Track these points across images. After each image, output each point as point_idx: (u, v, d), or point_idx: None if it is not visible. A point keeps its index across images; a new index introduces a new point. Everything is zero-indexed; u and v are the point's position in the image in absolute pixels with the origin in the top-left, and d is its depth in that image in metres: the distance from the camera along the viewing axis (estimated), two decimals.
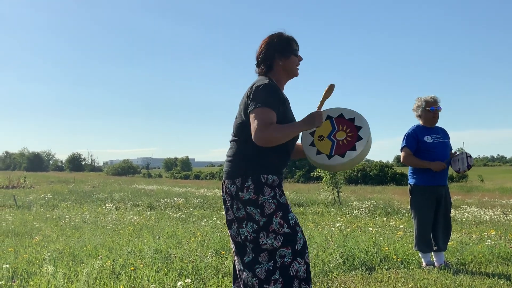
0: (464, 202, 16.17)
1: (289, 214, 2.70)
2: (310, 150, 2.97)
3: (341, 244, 5.70)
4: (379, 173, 39.16)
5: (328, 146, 2.92)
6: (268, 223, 2.64)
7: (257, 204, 2.65)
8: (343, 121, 2.98)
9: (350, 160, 2.84)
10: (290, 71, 2.85)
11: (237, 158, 2.76)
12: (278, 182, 2.74)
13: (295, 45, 2.87)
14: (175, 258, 4.94)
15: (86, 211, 11.07)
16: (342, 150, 2.87)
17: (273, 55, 2.81)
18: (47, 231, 7.35)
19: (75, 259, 5.07)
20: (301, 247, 2.67)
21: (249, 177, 2.69)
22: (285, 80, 2.88)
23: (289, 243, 2.65)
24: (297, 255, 2.65)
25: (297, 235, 2.67)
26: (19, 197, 14.47)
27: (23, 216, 9.80)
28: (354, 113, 2.98)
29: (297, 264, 2.64)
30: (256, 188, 2.67)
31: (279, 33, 2.86)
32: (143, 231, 7.44)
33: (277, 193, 2.70)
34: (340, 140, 2.91)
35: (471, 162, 5.00)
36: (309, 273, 2.69)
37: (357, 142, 2.86)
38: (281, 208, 2.67)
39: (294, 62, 2.85)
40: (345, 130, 2.93)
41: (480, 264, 5.09)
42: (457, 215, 11.39)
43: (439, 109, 5.01)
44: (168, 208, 12.62)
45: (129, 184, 28.00)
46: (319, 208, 13.42)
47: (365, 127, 2.90)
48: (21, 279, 4.18)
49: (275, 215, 2.65)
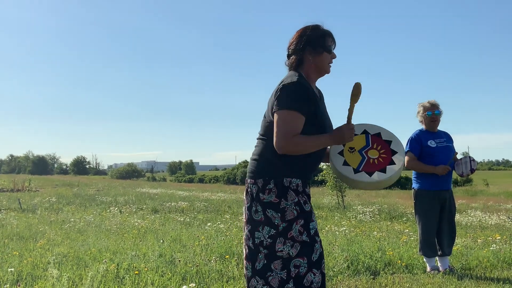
0: (469, 206, 16.12)
1: (311, 223, 2.56)
2: (337, 158, 2.78)
3: (345, 248, 5.69)
4: None
5: (358, 160, 2.75)
6: (287, 229, 2.52)
7: (279, 208, 2.53)
8: (379, 140, 2.83)
9: (376, 182, 2.69)
10: (321, 68, 2.67)
11: (261, 158, 2.64)
12: (303, 187, 2.60)
13: (331, 41, 2.68)
14: (179, 262, 4.94)
15: (91, 214, 11.08)
16: (371, 169, 2.71)
17: (304, 49, 2.63)
18: (52, 235, 7.36)
19: (80, 262, 5.07)
20: (318, 257, 2.55)
21: (271, 179, 2.56)
22: (315, 76, 2.71)
23: (306, 253, 2.52)
24: (313, 265, 2.53)
25: (315, 245, 2.54)
26: (24, 200, 14.50)
27: (28, 219, 9.82)
28: (392, 136, 2.84)
29: (312, 275, 2.52)
30: (279, 191, 2.54)
31: (314, 26, 2.68)
32: (147, 234, 7.45)
33: (301, 200, 2.56)
34: (372, 158, 2.75)
35: (474, 166, 4.99)
36: (323, 282, 2.59)
37: (388, 166, 2.71)
38: (303, 216, 2.54)
39: (326, 59, 2.66)
40: (379, 150, 2.78)
41: (485, 269, 5.08)
42: (461, 219, 11.35)
43: (437, 114, 4.99)
44: (172, 212, 12.62)
45: (134, 188, 28.04)
46: (323, 212, 13.40)
47: (400, 153, 2.76)
48: (25, 283, 4.19)
49: (296, 222, 2.52)
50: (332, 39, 2.69)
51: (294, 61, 2.66)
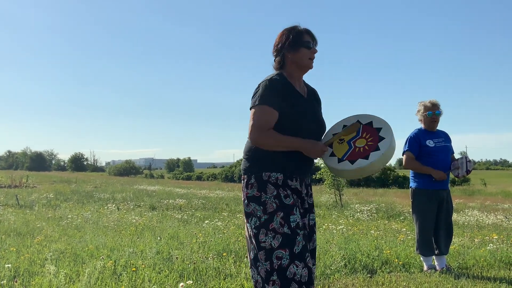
0: (466, 205, 16.15)
1: (292, 216, 2.62)
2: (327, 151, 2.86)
3: (342, 246, 5.70)
4: (381, 175, 39.09)
5: (344, 150, 2.80)
6: (269, 220, 2.63)
7: (260, 202, 2.67)
8: (369, 129, 2.84)
9: (359, 169, 2.70)
10: (301, 64, 2.79)
11: (245, 155, 2.81)
12: (284, 181, 2.68)
13: (308, 37, 2.79)
14: (177, 259, 4.94)
15: (88, 211, 11.07)
16: (355, 157, 2.74)
17: (283, 49, 2.78)
18: (49, 231, 7.36)
19: (77, 259, 5.07)
20: (300, 250, 2.59)
21: (252, 174, 2.72)
22: (297, 74, 2.83)
23: (288, 244, 2.59)
24: (295, 257, 2.58)
25: (297, 237, 2.60)
26: (22, 197, 14.49)
27: (25, 215, 9.81)
28: (384, 123, 2.84)
29: (295, 267, 2.57)
30: (259, 185, 2.69)
31: (291, 27, 2.81)
32: (144, 231, 7.45)
33: (281, 193, 2.66)
34: (358, 147, 2.78)
35: (470, 166, 4.99)
36: (310, 276, 2.63)
37: (372, 152, 2.71)
38: (283, 209, 2.63)
39: (305, 54, 2.76)
40: (367, 138, 2.80)
41: (482, 268, 5.08)
42: (459, 218, 11.38)
43: (437, 114, 5.00)
44: (170, 209, 12.62)
45: (131, 185, 28.02)
46: (321, 211, 13.41)
47: (388, 139, 2.73)
48: (22, 279, 4.18)
49: (276, 214, 2.63)
50: (310, 36, 2.81)
51: (277, 62, 2.83)
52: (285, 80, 2.75)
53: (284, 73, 2.79)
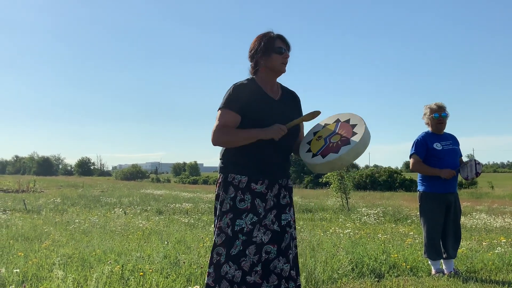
0: (473, 209, 16.06)
1: (238, 220, 2.76)
2: (304, 147, 2.98)
3: (350, 250, 5.68)
4: (388, 179, 39.00)
5: (319, 146, 2.90)
6: (220, 219, 2.82)
7: (220, 200, 2.85)
8: (346, 125, 2.92)
9: (328, 162, 2.76)
10: (273, 69, 2.89)
11: (220, 157, 2.96)
12: (247, 184, 2.80)
13: (280, 42, 2.89)
14: (184, 264, 4.94)
15: (95, 215, 11.11)
16: (327, 151, 2.82)
17: (256, 54, 2.89)
18: (57, 236, 7.38)
19: (85, 264, 5.08)
20: (236, 253, 2.73)
21: (222, 174, 2.89)
22: (270, 78, 2.93)
23: (227, 245, 2.76)
24: (230, 258, 2.73)
25: (236, 241, 2.74)
26: (29, 201, 14.55)
27: (33, 220, 9.85)
28: (360, 120, 2.91)
29: (228, 267, 2.73)
30: (224, 185, 2.85)
31: (263, 34, 2.92)
32: (151, 236, 7.46)
33: (238, 196, 2.79)
34: (332, 142, 2.86)
35: (479, 169, 4.97)
36: (244, 279, 2.73)
37: (343, 146, 2.78)
38: (233, 211, 2.78)
39: (277, 60, 2.86)
40: (341, 133, 2.88)
41: (490, 272, 5.06)
42: (466, 222, 11.32)
43: (444, 116, 4.98)
44: (176, 213, 12.64)
45: (138, 189, 28.08)
46: (328, 214, 13.39)
47: (360, 134, 2.79)
48: (31, 284, 4.20)
49: (227, 214, 2.79)
50: (283, 41, 2.91)
51: (252, 68, 2.96)
52: (254, 84, 2.87)
53: (256, 78, 2.91)
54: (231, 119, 2.78)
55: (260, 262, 2.77)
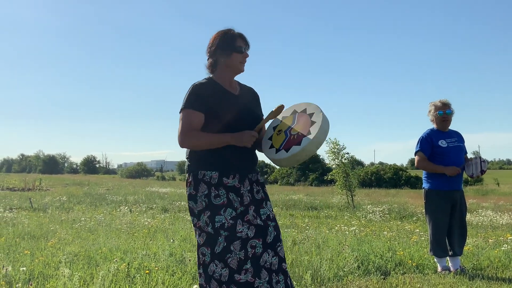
0: (479, 206, 16.03)
1: (217, 216, 2.74)
2: (266, 143, 2.96)
3: (355, 248, 5.68)
4: (393, 176, 38.95)
5: (281, 140, 2.87)
6: (197, 218, 2.81)
7: (195, 199, 2.82)
8: (303, 115, 2.90)
9: (293, 155, 2.74)
10: (233, 68, 2.89)
11: (186, 155, 2.95)
12: (218, 179, 2.78)
13: (240, 42, 2.88)
14: (190, 262, 4.95)
15: (101, 213, 11.15)
16: (289, 144, 2.79)
17: (216, 52, 2.88)
18: (63, 234, 7.41)
19: (91, 262, 5.10)
20: (221, 250, 2.71)
21: (191, 173, 2.87)
22: (229, 76, 2.94)
23: (210, 243, 2.74)
24: (215, 257, 2.72)
25: (219, 238, 2.72)
26: (35, 200, 14.61)
27: (39, 218, 9.89)
28: (316, 108, 2.88)
29: (214, 266, 2.73)
30: (194, 184, 2.83)
31: (224, 31, 2.90)
32: (157, 234, 7.48)
33: (212, 193, 2.77)
34: (293, 134, 2.83)
35: (484, 167, 4.95)
36: (232, 277, 2.71)
37: (304, 137, 2.76)
38: (210, 208, 2.76)
39: (236, 59, 2.87)
40: (301, 124, 2.85)
41: (496, 269, 5.04)
42: (472, 219, 11.29)
43: (448, 113, 4.96)
44: (182, 211, 12.66)
45: (143, 187, 28.16)
46: (333, 212, 13.39)
47: (318, 123, 2.77)
48: (37, 282, 4.21)
49: (204, 213, 2.78)
50: (243, 40, 2.91)
51: (210, 64, 2.93)
52: (212, 82, 2.87)
53: (214, 76, 2.92)
54: (196, 119, 2.77)
55: (248, 259, 2.73)
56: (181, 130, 2.76)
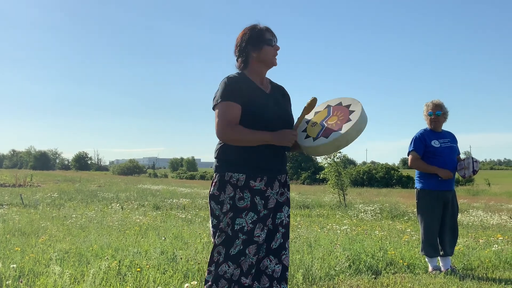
0: (470, 206, 16.12)
1: (238, 219, 2.70)
2: (301, 135, 2.92)
3: (347, 247, 5.69)
4: (385, 175, 39.07)
5: (317, 130, 2.87)
6: (217, 219, 2.79)
7: (219, 201, 2.77)
8: (340, 108, 2.92)
9: (334, 140, 2.73)
10: (266, 61, 2.85)
11: (214, 156, 2.88)
12: (245, 182, 2.73)
13: (269, 35, 2.85)
14: (181, 260, 4.94)
15: (92, 210, 11.10)
16: (329, 132, 2.79)
17: (246, 48, 2.83)
18: (54, 231, 7.37)
19: (82, 259, 5.07)
20: (236, 253, 2.69)
21: (218, 173, 2.81)
22: (262, 71, 2.89)
23: (226, 244, 2.72)
24: (229, 258, 2.70)
25: (236, 241, 2.70)
26: (26, 196, 14.53)
27: (30, 215, 9.83)
28: (353, 100, 2.91)
29: (227, 267, 2.70)
30: (220, 185, 2.78)
31: (251, 26, 2.86)
32: (149, 231, 7.45)
33: (236, 195, 2.72)
34: (331, 123, 2.84)
35: (476, 167, 4.98)
36: (239, 279, 2.70)
37: (345, 124, 2.77)
38: (233, 210, 2.72)
39: (269, 52, 2.83)
40: (338, 115, 2.87)
41: (486, 269, 5.07)
42: (463, 219, 11.35)
43: (438, 114, 4.98)
44: (173, 209, 12.64)
45: (135, 184, 28.07)
46: (325, 211, 13.41)
47: (357, 111, 2.79)
48: (27, 279, 4.19)
49: (227, 215, 2.73)
50: (271, 33, 2.87)
51: (240, 62, 2.88)
52: (244, 77, 2.81)
53: (246, 72, 2.85)
54: (234, 111, 2.70)
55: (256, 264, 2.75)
56: (222, 123, 2.67)
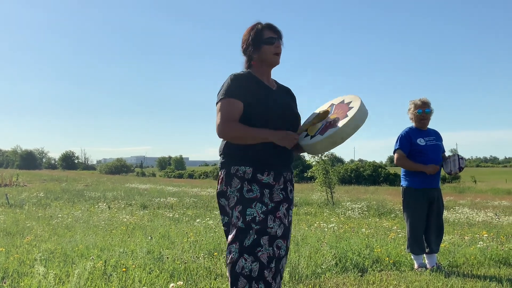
0: (456, 203, 16.24)
1: (249, 209, 2.60)
2: (301, 134, 2.88)
3: (333, 245, 5.70)
4: (373, 173, 39.27)
5: (317, 128, 2.83)
6: (228, 216, 2.71)
7: (226, 196, 2.70)
8: (341, 105, 2.86)
9: (329, 137, 2.66)
10: (266, 61, 2.80)
11: (220, 153, 2.82)
12: (252, 175, 2.65)
13: (269, 33, 2.78)
14: (168, 259, 4.92)
15: (79, 210, 11.01)
16: (326, 129, 2.74)
17: (248, 49, 2.81)
18: (39, 231, 7.30)
19: (67, 259, 5.03)
20: (251, 243, 2.56)
21: (223, 169, 2.74)
22: (266, 70, 2.84)
23: (239, 238, 2.58)
24: (244, 251, 2.55)
25: (250, 231, 2.57)
26: (11, 196, 14.37)
27: (15, 215, 9.74)
28: (354, 97, 2.86)
29: (244, 261, 2.55)
30: (226, 180, 2.70)
31: (251, 26, 2.83)
32: (135, 231, 7.41)
33: (244, 187, 2.64)
34: (329, 121, 2.79)
35: (462, 164, 5.01)
36: (262, 273, 2.55)
37: (341, 120, 2.70)
38: (241, 201, 2.62)
39: (268, 51, 2.77)
40: (338, 112, 2.81)
41: (472, 266, 5.11)
42: (449, 216, 11.43)
43: (427, 112, 5.01)
44: (161, 208, 12.58)
45: (123, 183, 27.91)
46: (313, 209, 13.43)
47: (355, 107, 2.72)
48: (11, 280, 4.15)
49: (235, 208, 2.64)
50: (272, 31, 2.80)
51: (245, 62, 2.88)
52: (251, 75, 2.78)
53: (252, 71, 2.82)
54: (236, 109, 2.65)
55: (274, 258, 2.59)
56: (222, 120, 2.62)
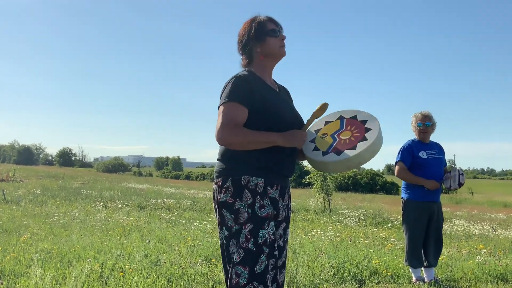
0: (453, 214, 16.25)
1: (262, 230, 2.38)
2: (308, 145, 2.71)
3: (332, 255, 5.68)
4: (370, 181, 39.33)
5: (328, 143, 2.65)
6: (239, 231, 2.40)
7: (232, 209, 2.42)
8: (354, 121, 2.71)
9: (346, 160, 2.51)
10: (272, 54, 2.62)
11: (222, 157, 2.55)
12: (264, 188, 2.45)
13: (272, 25, 2.61)
14: (165, 264, 4.89)
15: (75, 208, 10.98)
16: (341, 148, 2.57)
17: (249, 43, 2.61)
18: (36, 229, 7.27)
19: (63, 260, 5.00)
20: (262, 270, 2.35)
21: (230, 177, 2.46)
22: (270, 65, 2.67)
23: (248, 262, 2.35)
24: (254, 278, 2.34)
25: (261, 256, 2.36)
26: (8, 191, 14.33)
27: (12, 211, 9.70)
28: (369, 116, 2.70)
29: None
30: (235, 190, 2.43)
31: (251, 19, 2.64)
32: (132, 232, 7.38)
33: (256, 202, 2.41)
34: (343, 139, 2.63)
35: (462, 180, 5.00)
36: None
37: (359, 143, 2.55)
38: (253, 220, 2.39)
39: (274, 43, 2.60)
40: (352, 130, 2.66)
41: (469, 281, 5.09)
42: (446, 227, 11.43)
43: (427, 125, 4.99)
44: (158, 209, 12.55)
45: (119, 182, 27.86)
46: (309, 215, 13.41)
47: (375, 130, 2.59)
48: (8, 280, 4.11)
49: (245, 226, 2.38)
50: (274, 23, 2.63)
51: (245, 59, 2.66)
52: (255, 76, 2.56)
53: (253, 69, 2.61)
54: (240, 114, 2.43)
55: (275, 282, 2.47)
56: (222, 125, 2.39)
